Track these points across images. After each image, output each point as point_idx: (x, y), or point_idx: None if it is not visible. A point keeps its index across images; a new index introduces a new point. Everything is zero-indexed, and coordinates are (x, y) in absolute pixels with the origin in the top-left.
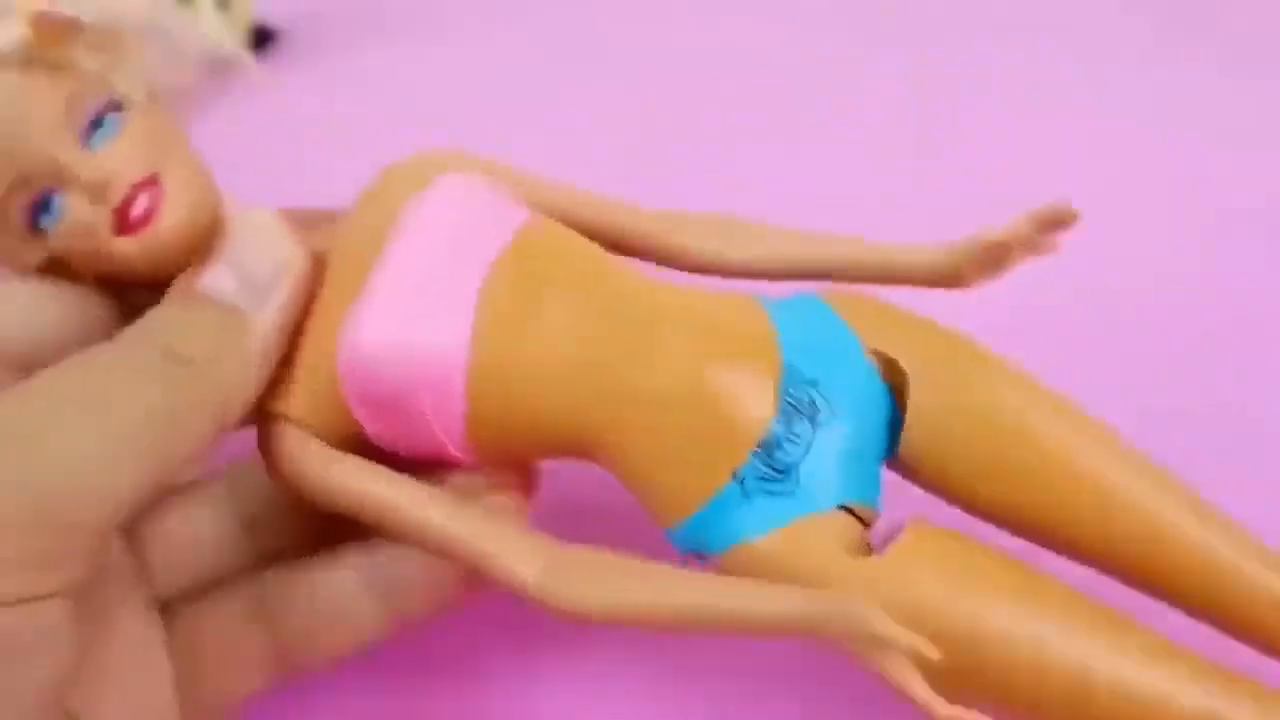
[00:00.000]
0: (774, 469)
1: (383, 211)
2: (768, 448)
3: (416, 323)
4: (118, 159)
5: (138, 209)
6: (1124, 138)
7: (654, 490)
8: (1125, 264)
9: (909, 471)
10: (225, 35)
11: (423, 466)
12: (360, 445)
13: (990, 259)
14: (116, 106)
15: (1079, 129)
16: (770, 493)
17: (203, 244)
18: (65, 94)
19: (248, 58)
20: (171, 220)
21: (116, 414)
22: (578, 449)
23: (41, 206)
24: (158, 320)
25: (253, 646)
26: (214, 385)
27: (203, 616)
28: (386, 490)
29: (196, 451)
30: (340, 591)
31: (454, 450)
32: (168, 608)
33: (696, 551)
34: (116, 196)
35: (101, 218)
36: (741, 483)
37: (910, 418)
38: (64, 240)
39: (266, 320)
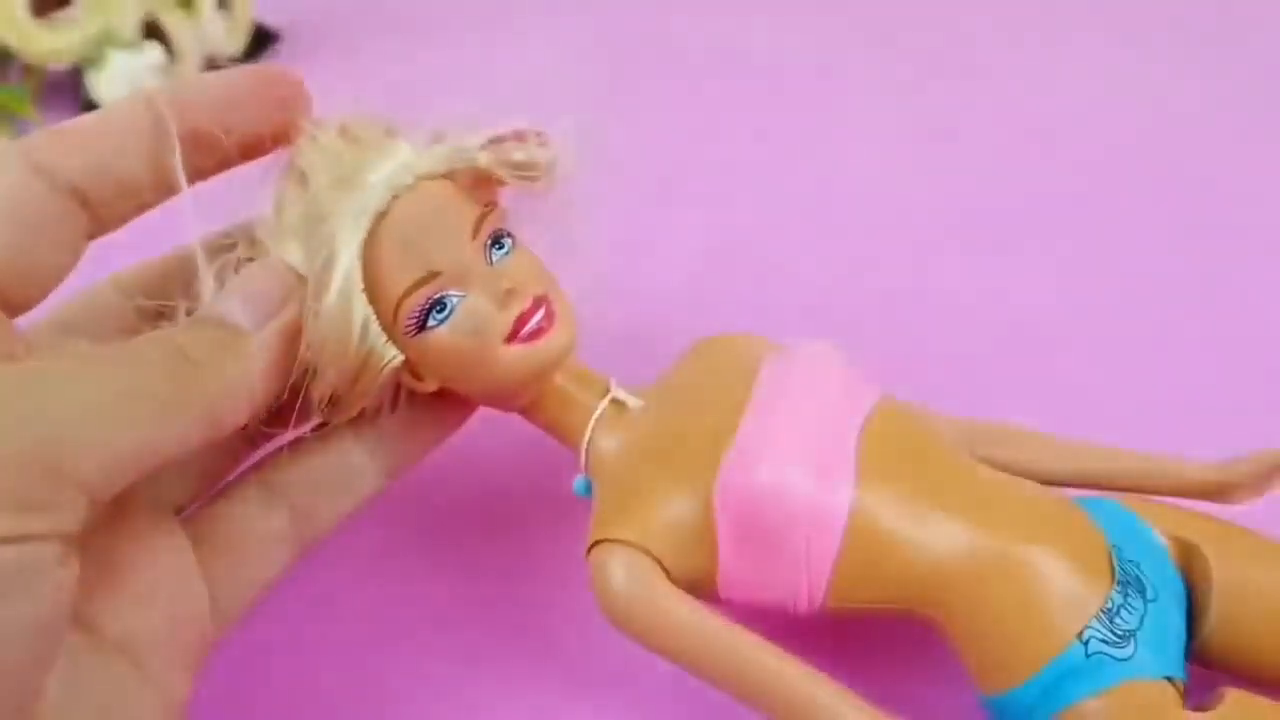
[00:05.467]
0: (1115, 634)
1: (738, 365)
2: (1110, 614)
3: (808, 465)
4: (518, 275)
5: (534, 322)
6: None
7: (992, 650)
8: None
9: (1207, 653)
10: (225, 36)
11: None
12: (692, 587)
13: (1269, 480)
14: (508, 234)
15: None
16: (1110, 656)
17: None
18: (476, 213)
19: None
20: (557, 342)
21: (119, 386)
22: (925, 604)
23: (437, 304)
24: (170, 330)
25: (271, 527)
26: (213, 385)
27: (221, 513)
28: (726, 629)
29: (188, 442)
30: (340, 459)
31: (806, 593)
32: (182, 511)
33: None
34: (520, 305)
35: (500, 322)
36: (1085, 644)
37: (1215, 596)
38: (446, 340)
39: (264, 339)
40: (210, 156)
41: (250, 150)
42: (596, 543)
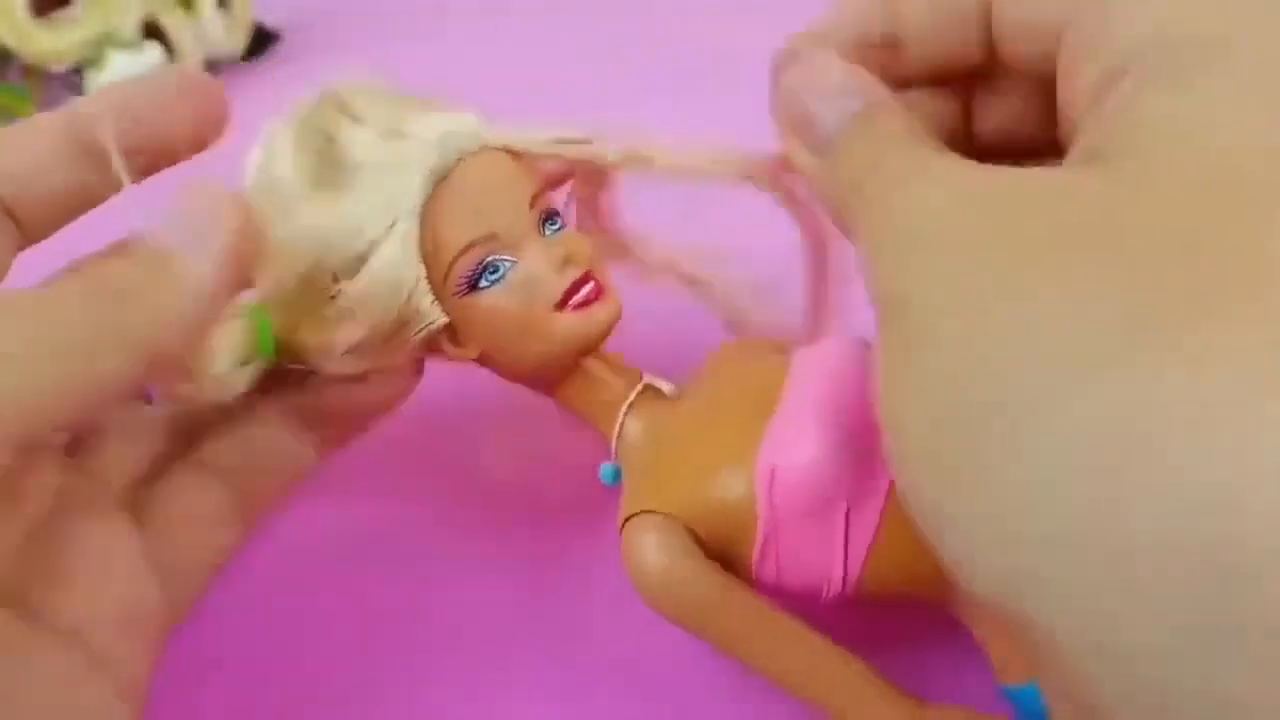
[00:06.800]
0: None
1: (768, 358)
2: None
3: (849, 445)
4: (571, 246)
5: (584, 292)
6: None
7: (1014, 639)
8: None
9: None
10: (225, 36)
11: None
12: (725, 566)
13: None
14: (559, 213)
15: None
16: None
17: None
18: (534, 188)
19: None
20: (605, 312)
21: (29, 330)
22: (952, 588)
23: (490, 266)
24: (92, 259)
25: (211, 509)
26: (140, 315)
27: (160, 497)
28: (766, 607)
29: (119, 383)
30: (270, 438)
31: (841, 575)
32: (126, 500)
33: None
34: (577, 271)
35: (553, 287)
36: None
37: None
38: (498, 301)
39: (201, 268)
40: (132, 165)
41: (169, 158)
42: (630, 516)
